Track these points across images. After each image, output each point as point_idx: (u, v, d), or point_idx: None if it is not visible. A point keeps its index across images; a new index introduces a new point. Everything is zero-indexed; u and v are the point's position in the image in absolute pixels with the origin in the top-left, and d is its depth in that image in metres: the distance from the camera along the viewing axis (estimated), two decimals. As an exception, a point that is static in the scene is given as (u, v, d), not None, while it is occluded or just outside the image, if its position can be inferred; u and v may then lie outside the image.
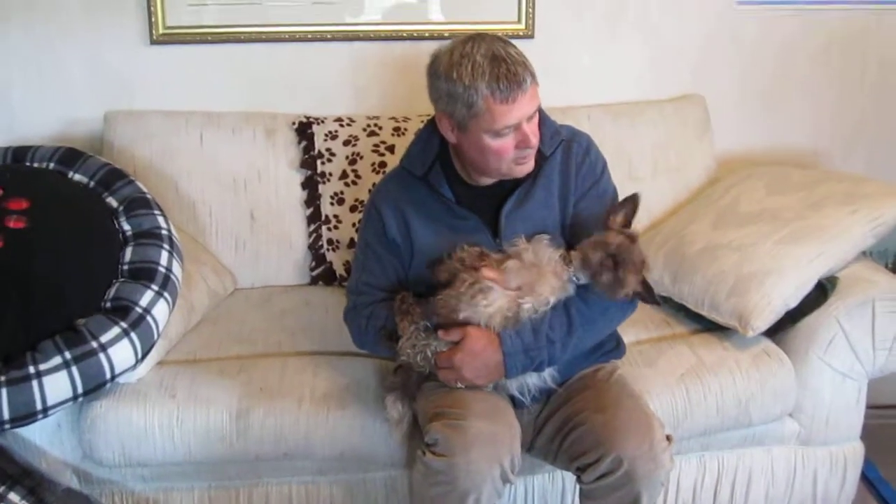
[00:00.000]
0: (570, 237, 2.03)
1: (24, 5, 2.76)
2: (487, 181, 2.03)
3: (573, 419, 1.95)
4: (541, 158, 2.02)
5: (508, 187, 2.01)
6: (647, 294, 1.93)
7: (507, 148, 1.90)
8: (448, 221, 2.03)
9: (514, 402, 2.03)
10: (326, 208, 2.72)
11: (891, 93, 3.09)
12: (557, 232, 2.02)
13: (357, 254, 2.16)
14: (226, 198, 2.72)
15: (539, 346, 1.92)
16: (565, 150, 2.06)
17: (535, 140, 1.92)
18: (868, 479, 2.58)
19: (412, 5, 2.89)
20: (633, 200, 1.95)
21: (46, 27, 2.78)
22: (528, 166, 1.97)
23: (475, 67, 1.83)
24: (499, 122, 1.86)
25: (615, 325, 2.10)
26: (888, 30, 3.03)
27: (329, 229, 2.72)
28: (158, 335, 2.15)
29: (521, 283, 1.90)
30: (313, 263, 2.75)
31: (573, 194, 2.05)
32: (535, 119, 1.93)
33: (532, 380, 1.99)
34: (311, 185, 2.74)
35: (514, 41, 1.92)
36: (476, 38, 1.87)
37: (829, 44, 3.03)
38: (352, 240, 2.66)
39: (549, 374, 2.00)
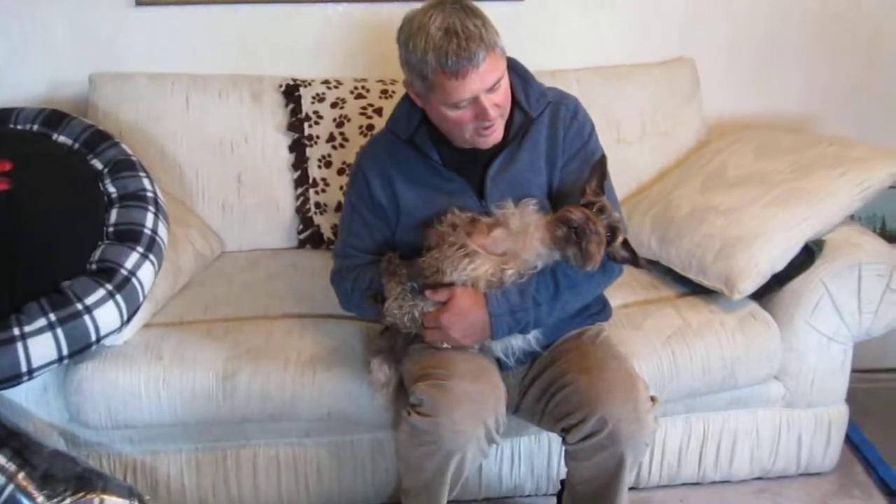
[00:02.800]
0: (558, 200, 2.02)
1: (6, -33, 2.73)
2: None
3: (558, 380, 1.96)
4: (527, 121, 2.00)
5: (494, 150, 2.00)
6: (631, 258, 1.93)
7: (465, 119, 1.89)
8: (434, 183, 2.02)
9: (500, 364, 2.03)
10: (314, 171, 2.71)
11: (883, 57, 3.07)
12: (544, 195, 2.01)
13: (343, 216, 2.16)
14: (212, 161, 2.71)
15: (525, 307, 1.92)
16: (553, 112, 2.05)
17: (493, 112, 1.88)
18: (852, 441, 2.59)
19: (401, -33, 2.87)
20: (599, 164, 1.95)
21: (30, -12, 2.75)
22: (494, 137, 1.95)
23: (428, 40, 1.80)
24: (451, 97, 1.84)
25: (601, 288, 2.10)
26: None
27: (316, 192, 2.71)
28: (144, 297, 2.15)
29: (506, 249, 1.90)
30: (301, 227, 2.74)
31: (561, 157, 2.04)
32: (502, 88, 1.89)
33: (517, 342, 2.00)
34: (298, 148, 2.72)
35: (502, 4, 1.90)
36: (438, 6, 1.83)
37: (822, 7, 3.01)
38: (339, 203, 2.65)
39: (533, 337, 2.01)
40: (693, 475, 2.43)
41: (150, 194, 2.29)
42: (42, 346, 1.97)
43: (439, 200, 2.00)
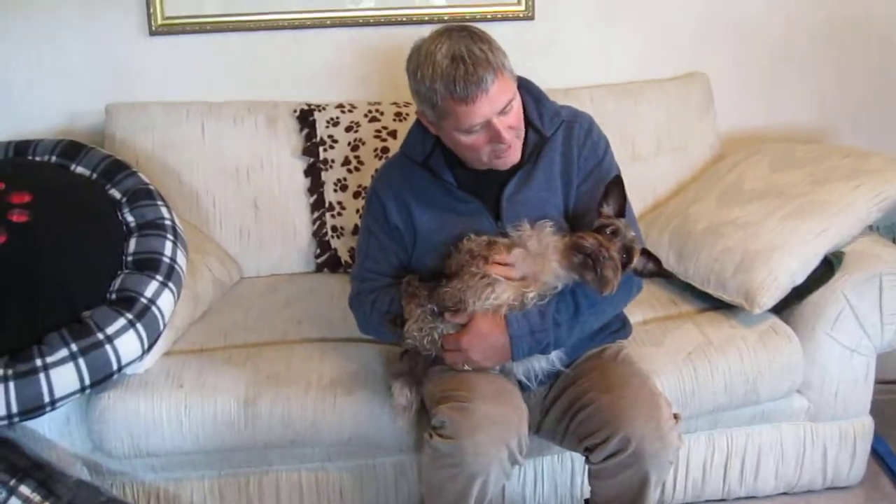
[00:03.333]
0: (575, 219, 2.02)
1: (23, -1, 2.76)
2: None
3: (580, 400, 1.95)
4: (541, 140, 2.01)
5: (510, 171, 2.00)
6: (656, 267, 1.94)
7: (479, 143, 1.90)
8: (449, 205, 2.02)
9: (521, 386, 2.03)
10: (330, 195, 2.72)
11: (894, 67, 3.07)
12: (560, 214, 2.01)
13: (360, 241, 2.16)
14: (229, 187, 2.72)
15: (545, 328, 1.91)
16: (567, 131, 2.05)
17: (507, 134, 1.89)
18: (878, 453, 2.57)
19: (412, -11, 2.89)
20: (614, 184, 1.94)
21: (46, 20, 2.78)
22: (512, 158, 1.96)
23: (435, 68, 1.82)
24: (463, 122, 1.85)
25: (621, 306, 2.10)
26: (892, 3, 3.00)
27: (333, 216, 2.72)
28: (164, 325, 2.16)
29: (526, 272, 1.90)
30: (318, 251, 2.75)
31: (576, 176, 2.04)
32: (514, 110, 1.90)
33: (539, 364, 2.00)
34: (313, 173, 2.73)
35: (514, 23, 1.91)
36: (445, 34, 1.85)
37: (832, 19, 3.01)
38: (356, 226, 2.66)
39: (557, 357, 2.01)
40: (718, 491, 2.41)
41: (168, 223, 2.30)
42: (64, 377, 1.97)
43: (455, 222, 2.00)
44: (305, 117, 2.76)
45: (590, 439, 1.89)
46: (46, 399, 1.96)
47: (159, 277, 2.17)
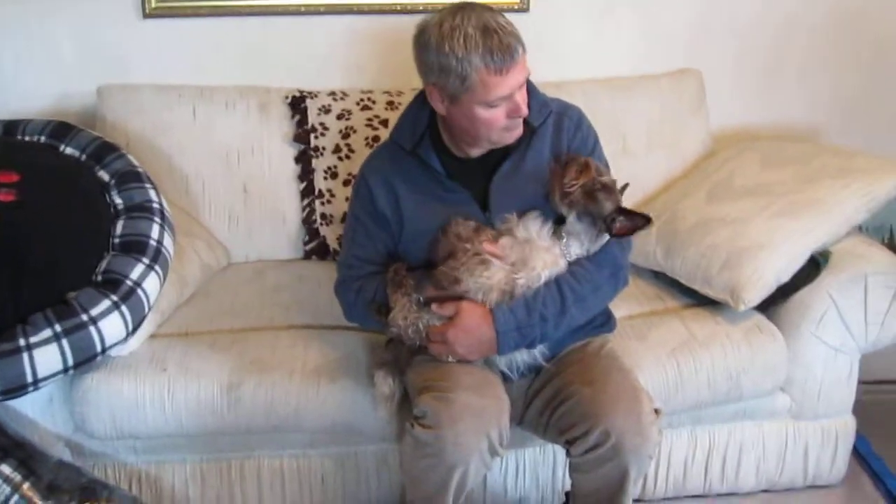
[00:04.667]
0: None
1: (15, -21, 2.75)
2: (476, 153, 2.02)
3: (562, 392, 1.96)
4: (529, 130, 2.01)
5: (497, 160, 2.01)
6: (634, 221, 1.93)
7: (498, 118, 1.90)
8: (437, 194, 2.02)
9: (504, 376, 2.03)
10: (320, 182, 2.72)
11: (888, 68, 3.07)
12: (547, 205, 2.01)
13: (346, 227, 2.16)
14: (219, 172, 2.72)
15: (532, 323, 1.92)
16: (556, 123, 2.05)
17: (525, 108, 1.91)
18: (860, 453, 2.58)
19: (407, -22, 2.88)
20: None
21: (38, 1, 2.76)
22: (517, 132, 1.97)
23: (467, 39, 1.81)
24: (492, 94, 1.85)
25: (607, 301, 2.09)
26: (887, 3, 3.00)
27: (322, 203, 2.72)
28: (149, 308, 2.16)
29: (514, 258, 1.91)
30: (307, 238, 2.75)
31: (564, 168, 2.04)
32: (524, 87, 1.92)
33: (521, 357, 2.00)
34: (304, 160, 2.73)
35: (508, 14, 1.91)
36: (465, 8, 1.85)
37: (827, 18, 3.01)
38: (345, 214, 2.63)
39: (539, 352, 2.02)
40: (699, 487, 2.42)
41: (156, 205, 2.30)
42: (48, 357, 1.97)
43: (442, 211, 2.00)
44: (297, 104, 2.75)
45: (570, 432, 1.90)
46: (29, 379, 1.96)
47: (145, 260, 2.17)
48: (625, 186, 1.99)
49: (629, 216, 1.91)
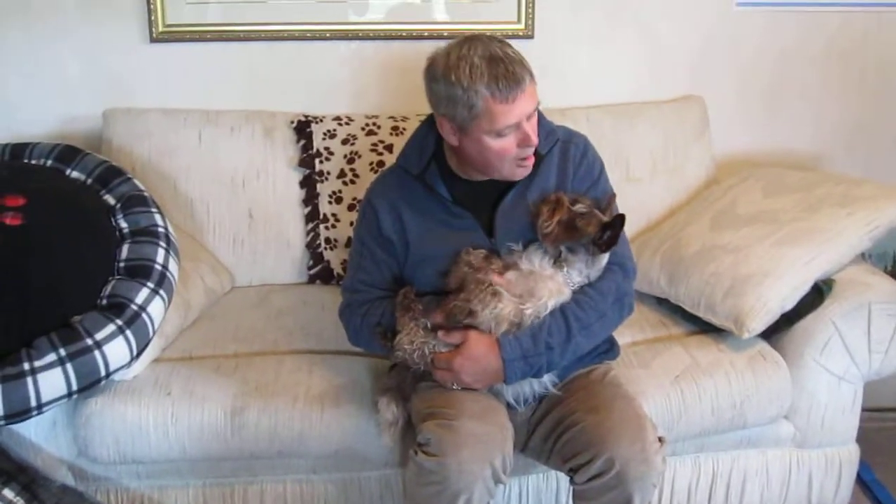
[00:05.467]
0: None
1: (22, 3, 2.76)
2: (482, 177, 2.03)
3: (566, 420, 1.95)
4: (536, 158, 2.01)
5: (504, 186, 2.02)
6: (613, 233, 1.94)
7: (508, 148, 1.91)
8: (443, 220, 2.03)
9: (508, 405, 2.03)
10: (324, 207, 2.73)
11: (890, 95, 3.09)
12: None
13: (352, 252, 2.16)
14: (224, 196, 2.73)
15: (538, 352, 1.92)
16: (562, 151, 2.06)
17: (535, 138, 1.92)
18: (863, 481, 2.58)
19: (414, 5, 2.90)
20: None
21: (45, 25, 2.79)
22: (528, 167, 1.98)
23: (473, 69, 1.83)
24: (499, 122, 1.86)
25: (612, 328, 2.09)
26: (888, 32, 3.03)
27: (327, 228, 2.72)
28: (154, 333, 2.16)
29: (521, 290, 1.92)
30: (311, 262, 2.75)
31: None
32: (535, 118, 1.93)
33: (529, 387, 2.00)
34: (309, 184, 2.74)
35: (513, 41, 1.92)
36: (472, 39, 1.87)
37: (829, 45, 3.03)
38: (349, 239, 2.65)
39: (549, 380, 2.02)
40: (703, 515, 2.42)
41: (161, 230, 2.30)
42: (52, 381, 1.97)
43: (448, 237, 2.01)
44: (302, 128, 2.77)
45: (574, 460, 1.89)
46: (33, 403, 1.96)
47: (150, 284, 2.17)
48: (609, 200, 2.00)
49: (611, 227, 1.93)
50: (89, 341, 2.02)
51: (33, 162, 2.42)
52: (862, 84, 3.08)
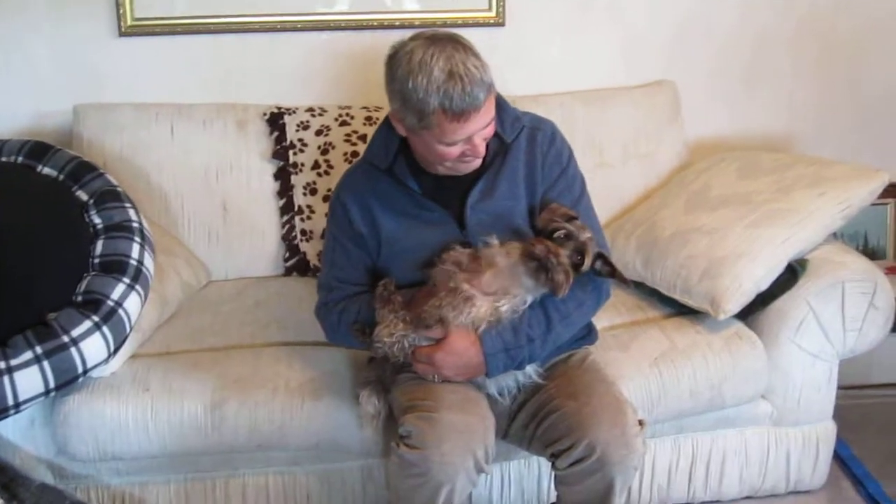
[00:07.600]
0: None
1: (-11, -2, 2.74)
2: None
3: (546, 406, 1.96)
4: (503, 146, 2.01)
5: (473, 178, 2.01)
6: (611, 272, 1.96)
7: (453, 154, 1.90)
8: (414, 213, 2.02)
9: (492, 397, 2.03)
10: (299, 199, 2.72)
11: (860, 77, 3.11)
12: (525, 222, 2.02)
13: (325, 249, 2.15)
14: (198, 190, 2.71)
15: (519, 344, 1.92)
16: (529, 138, 2.05)
17: (482, 150, 1.91)
18: (840, 457, 2.60)
19: (383, -6, 2.89)
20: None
21: (13, 20, 2.76)
22: (475, 165, 1.97)
23: (431, 81, 1.79)
24: (447, 138, 1.85)
25: (591, 315, 2.10)
26: (857, 15, 3.05)
27: (302, 220, 2.72)
28: (131, 328, 2.15)
29: (497, 287, 1.91)
30: (287, 254, 2.74)
31: (540, 184, 2.05)
32: (490, 127, 1.91)
33: (511, 380, 2.00)
34: (283, 176, 2.73)
35: (484, 29, 1.90)
36: (438, 43, 1.82)
37: (800, 29, 3.05)
38: (324, 230, 2.65)
39: (532, 370, 2.01)
40: (683, 496, 2.43)
41: (135, 225, 2.29)
42: (28, 380, 1.96)
43: (420, 230, 2.01)
44: (275, 120, 2.75)
45: (555, 445, 1.90)
46: (10, 402, 1.95)
47: (126, 280, 2.15)
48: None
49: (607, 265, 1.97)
50: (65, 338, 2.00)
51: (3, 159, 2.39)
52: (832, 66, 3.10)
